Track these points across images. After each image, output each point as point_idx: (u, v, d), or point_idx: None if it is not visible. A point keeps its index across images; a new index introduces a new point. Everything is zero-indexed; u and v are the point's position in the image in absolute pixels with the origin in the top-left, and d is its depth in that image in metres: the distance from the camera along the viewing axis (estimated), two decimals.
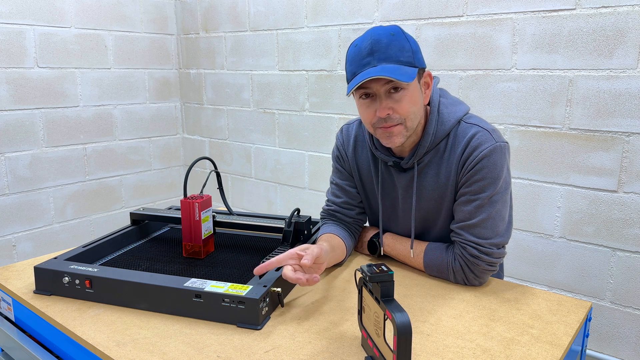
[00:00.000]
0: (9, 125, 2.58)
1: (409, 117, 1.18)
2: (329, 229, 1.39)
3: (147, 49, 3.13)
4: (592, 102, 1.81)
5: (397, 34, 1.15)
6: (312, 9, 2.55)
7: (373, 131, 1.22)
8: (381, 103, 1.16)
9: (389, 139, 1.19)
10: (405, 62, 1.14)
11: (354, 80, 1.15)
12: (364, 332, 0.95)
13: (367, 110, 1.19)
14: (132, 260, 1.35)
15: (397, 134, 1.18)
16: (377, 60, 1.13)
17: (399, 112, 1.16)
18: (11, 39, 2.54)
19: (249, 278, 1.22)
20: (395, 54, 1.13)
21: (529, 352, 0.95)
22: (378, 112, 1.16)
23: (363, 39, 1.16)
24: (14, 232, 2.65)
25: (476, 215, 1.21)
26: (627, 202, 1.78)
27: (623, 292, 1.84)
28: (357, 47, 1.17)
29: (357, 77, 1.13)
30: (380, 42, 1.13)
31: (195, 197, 1.36)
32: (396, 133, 1.18)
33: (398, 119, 1.17)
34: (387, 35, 1.14)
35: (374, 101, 1.17)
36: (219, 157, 3.20)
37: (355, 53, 1.17)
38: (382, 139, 1.21)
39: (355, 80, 1.14)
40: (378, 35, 1.14)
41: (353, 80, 1.15)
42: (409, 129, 1.20)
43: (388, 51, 1.13)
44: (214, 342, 0.98)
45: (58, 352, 1.11)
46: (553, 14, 1.84)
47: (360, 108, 1.22)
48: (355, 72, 1.15)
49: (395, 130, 1.18)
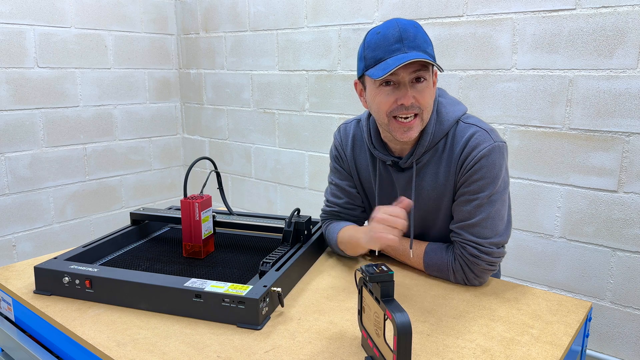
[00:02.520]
0: (9, 125, 2.58)
1: (427, 109, 1.19)
2: (344, 223, 1.39)
3: (147, 49, 3.13)
4: (592, 102, 1.81)
5: (419, 27, 1.17)
6: (312, 9, 2.55)
7: (387, 121, 1.20)
8: (407, 91, 1.15)
9: (406, 133, 1.19)
10: (430, 54, 1.16)
11: (385, 63, 1.12)
12: (364, 332, 0.95)
13: (388, 97, 1.17)
14: (132, 260, 1.35)
15: (415, 126, 1.19)
16: (407, 48, 1.13)
17: (420, 102, 1.16)
18: (11, 39, 2.54)
19: (249, 278, 1.22)
20: (422, 44, 1.14)
21: (529, 352, 0.95)
22: (403, 100, 1.15)
23: (387, 26, 1.15)
24: (14, 232, 2.65)
25: (475, 215, 1.21)
26: (627, 202, 1.78)
27: (623, 292, 1.84)
28: (380, 34, 1.16)
29: (391, 62, 1.11)
30: (408, 31, 1.14)
31: (195, 197, 1.36)
32: (414, 126, 1.19)
33: (417, 109, 1.17)
34: (412, 26, 1.15)
35: (395, 89, 1.16)
36: (219, 157, 3.20)
37: (380, 39, 1.15)
38: (397, 132, 1.20)
39: (389, 66, 1.11)
40: (404, 25, 1.15)
41: (383, 63, 1.13)
42: (424, 122, 1.20)
43: (416, 40, 1.14)
44: (214, 342, 0.98)
45: (58, 352, 1.11)
46: (553, 14, 1.84)
47: (378, 96, 1.18)
48: (383, 58, 1.14)
49: (414, 124, 1.18)
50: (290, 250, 1.31)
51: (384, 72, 1.11)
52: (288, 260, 1.23)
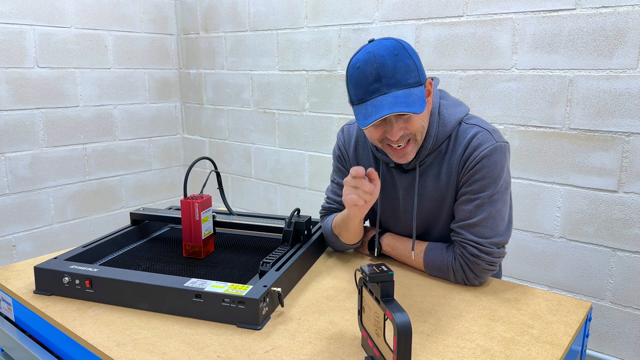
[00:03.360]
0: (9, 125, 2.58)
1: (419, 131, 1.18)
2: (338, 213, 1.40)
3: (147, 49, 3.13)
4: (592, 102, 1.81)
5: (400, 52, 1.11)
6: (312, 9, 2.55)
7: (381, 146, 1.21)
8: (392, 127, 1.13)
9: (401, 158, 1.21)
10: (413, 83, 1.11)
11: (365, 107, 1.11)
12: (364, 332, 0.95)
13: (375, 130, 1.17)
14: (132, 260, 1.35)
15: (410, 151, 1.19)
16: (386, 87, 1.09)
17: (410, 130, 1.16)
18: (11, 39, 2.54)
19: (249, 278, 1.22)
20: (402, 77, 1.10)
21: (529, 352, 0.95)
22: (390, 136, 1.14)
23: (366, 61, 1.11)
24: (14, 232, 2.65)
25: (476, 215, 1.21)
26: (627, 202, 1.78)
27: (623, 292, 1.84)
28: (360, 69, 1.11)
29: (370, 109, 1.09)
30: (385, 66, 1.09)
31: (195, 197, 1.36)
32: (409, 151, 1.19)
33: (408, 135, 1.17)
34: (391, 56, 1.10)
35: (383, 122, 1.15)
36: (219, 157, 3.20)
37: (359, 77, 1.12)
38: (393, 157, 1.22)
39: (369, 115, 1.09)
40: (382, 58, 1.09)
41: (363, 106, 1.11)
42: (418, 143, 1.20)
43: (396, 76, 1.09)
44: (214, 342, 0.98)
45: (58, 352, 1.11)
46: (553, 14, 1.84)
47: (366, 129, 1.18)
48: (364, 99, 1.12)
49: (408, 149, 1.19)
50: (290, 250, 1.31)
51: (365, 123, 1.10)
52: (288, 260, 1.23)
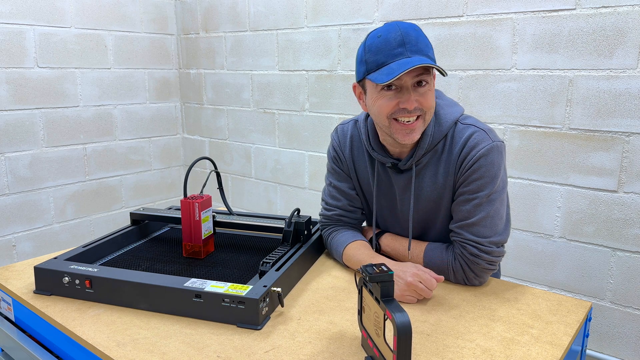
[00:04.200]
0: (9, 125, 2.58)
1: (429, 111, 1.19)
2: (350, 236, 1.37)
3: (147, 49, 3.13)
4: (592, 102, 1.81)
5: (420, 30, 1.17)
6: (312, 9, 2.55)
7: (388, 124, 1.20)
8: (410, 95, 1.15)
9: (408, 135, 1.19)
10: (432, 57, 1.16)
11: (388, 68, 1.12)
12: (364, 332, 0.95)
13: (390, 101, 1.17)
14: (132, 260, 1.35)
15: (417, 128, 1.19)
16: (410, 52, 1.13)
17: (423, 105, 1.17)
18: (11, 39, 2.54)
19: (249, 278, 1.22)
20: (424, 48, 1.14)
21: (529, 352, 0.95)
22: (406, 104, 1.15)
23: (389, 30, 1.15)
24: (14, 232, 2.65)
25: (475, 214, 1.21)
26: (627, 202, 1.78)
27: (623, 292, 1.84)
28: (381, 37, 1.15)
29: (395, 67, 1.10)
30: (409, 34, 1.13)
31: (195, 197, 1.36)
32: (416, 128, 1.18)
33: (420, 111, 1.17)
34: (413, 29, 1.15)
35: (397, 93, 1.16)
36: (219, 157, 3.20)
37: (382, 43, 1.14)
38: (399, 134, 1.19)
39: (393, 71, 1.10)
40: (405, 28, 1.14)
41: (387, 68, 1.12)
42: (425, 123, 1.20)
43: (418, 44, 1.14)
44: (214, 342, 0.98)
45: (58, 352, 1.11)
46: (553, 14, 1.84)
47: (380, 99, 1.18)
48: (386, 62, 1.13)
49: (417, 125, 1.18)
50: (290, 250, 1.31)
51: (389, 77, 1.10)
52: (288, 260, 1.23)
